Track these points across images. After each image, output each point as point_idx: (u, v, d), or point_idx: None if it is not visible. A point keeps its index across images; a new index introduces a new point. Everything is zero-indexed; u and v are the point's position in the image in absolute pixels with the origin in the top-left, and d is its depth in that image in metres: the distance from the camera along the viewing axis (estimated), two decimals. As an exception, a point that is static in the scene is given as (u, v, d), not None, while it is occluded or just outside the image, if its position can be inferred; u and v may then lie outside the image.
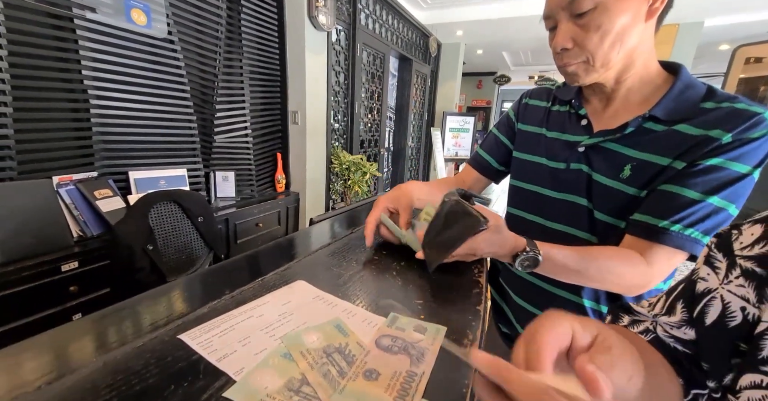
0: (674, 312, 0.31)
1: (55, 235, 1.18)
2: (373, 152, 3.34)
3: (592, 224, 0.56)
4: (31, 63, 1.16)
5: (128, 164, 1.48)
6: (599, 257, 0.49)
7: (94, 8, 1.28)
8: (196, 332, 0.34)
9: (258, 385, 0.28)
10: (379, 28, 3.01)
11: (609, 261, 0.49)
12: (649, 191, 0.50)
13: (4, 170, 1.13)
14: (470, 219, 0.44)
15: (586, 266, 0.48)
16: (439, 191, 0.76)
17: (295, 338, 0.35)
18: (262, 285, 0.45)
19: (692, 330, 0.30)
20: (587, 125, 0.58)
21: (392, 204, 0.64)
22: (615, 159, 0.53)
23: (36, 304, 1.10)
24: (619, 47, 0.48)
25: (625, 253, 0.49)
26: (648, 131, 0.51)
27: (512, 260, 0.48)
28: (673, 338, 0.32)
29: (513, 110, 0.74)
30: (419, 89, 4.14)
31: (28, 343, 0.31)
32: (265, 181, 2.20)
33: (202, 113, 1.76)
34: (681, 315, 0.30)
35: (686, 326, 0.30)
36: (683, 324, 0.30)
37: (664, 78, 0.53)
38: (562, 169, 0.59)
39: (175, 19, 1.53)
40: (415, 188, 0.68)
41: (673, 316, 0.31)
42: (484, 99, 7.50)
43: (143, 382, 0.27)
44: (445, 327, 0.38)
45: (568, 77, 0.54)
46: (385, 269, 0.53)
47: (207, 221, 1.35)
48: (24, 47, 1.14)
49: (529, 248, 0.47)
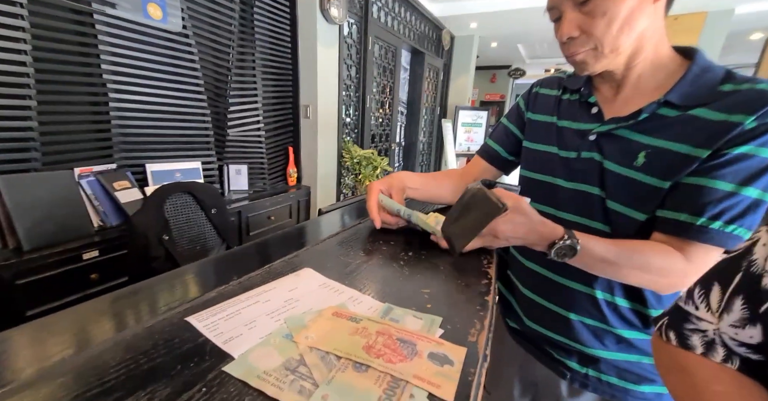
0: (731, 310, 0.28)
1: (76, 224, 1.23)
2: (384, 146, 3.33)
3: (605, 214, 0.54)
4: (54, 58, 1.20)
5: (145, 157, 1.52)
6: (639, 251, 0.47)
7: (114, 4, 1.31)
8: (203, 315, 0.35)
9: (256, 362, 0.29)
10: (391, 21, 2.97)
11: (649, 256, 0.47)
12: (674, 184, 0.47)
13: (29, 161, 1.17)
14: (488, 204, 0.44)
15: (625, 260, 0.47)
16: (434, 182, 0.75)
17: (298, 320, 0.35)
18: (270, 272, 0.46)
19: (756, 329, 0.27)
20: (598, 112, 0.56)
21: (385, 187, 0.66)
22: (628, 147, 0.51)
23: (60, 290, 1.16)
24: (628, 31, 0.46)
25: (664, 249, 0.47)
26: (663, 117, 0.49)
27: (548, 249, 0.48)
28: (744, 346, 0.28)
29: (523, 99, 0.72)
30: (431, 83, 4.09)
31: (43, 322, 0.33)
32: (277, 174, 2.23)
33: (215, 106, 1.79)
34: (741, 313, 0.28)
35: (749, 324, 0.27)
36: (745, 322, 0.27)
37: (679, 63, 0.51)
38: (573, 158, 0.57)
39: (189, 14, 1.56)
40: (406, 176, 0.70)
41: (731, 314, 0.28)
42: (498, 93, 7.34)
43: (151, 362, 0.28)
44: (440, 317, 0.37)
45: (577, 66, 0.52)
46: (392, 258, 0.53)
47: (220, 213, 1.38)
48: (47, 42, 1.18)
49: (567, 236, 0.46)
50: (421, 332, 0.34)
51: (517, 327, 0.72)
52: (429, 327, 0.35)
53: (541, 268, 0.63)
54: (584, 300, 0.58)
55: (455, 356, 0.31)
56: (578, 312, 0.59)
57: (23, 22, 1.10)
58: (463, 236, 0.48)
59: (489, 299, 0.42)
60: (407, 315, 0.37)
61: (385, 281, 0.46)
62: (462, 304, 0.41)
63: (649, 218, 0.50)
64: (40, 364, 0.27)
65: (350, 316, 0.36)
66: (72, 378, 0.26)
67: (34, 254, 1.08)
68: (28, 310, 1.09)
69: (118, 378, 0.26)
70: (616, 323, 0.57)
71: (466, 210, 0.47)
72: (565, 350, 0.62)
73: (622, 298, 0.56)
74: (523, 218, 0.47)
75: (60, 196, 1.20)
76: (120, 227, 1.33)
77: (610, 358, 0.58)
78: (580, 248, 0.47)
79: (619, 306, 0.56)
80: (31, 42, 1.13)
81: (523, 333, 0.70)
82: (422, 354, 0.31)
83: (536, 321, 0.65)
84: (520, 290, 0.68)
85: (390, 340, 0.32)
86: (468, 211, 0.47)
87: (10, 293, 1.04)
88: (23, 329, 0.32)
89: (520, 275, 0.69)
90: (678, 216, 0.46)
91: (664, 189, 0.48)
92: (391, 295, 0.42)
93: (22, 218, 1.10)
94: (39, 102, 1.17)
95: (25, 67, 1.12)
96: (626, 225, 0.52)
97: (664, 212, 0.48)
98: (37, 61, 1.15)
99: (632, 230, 0.51)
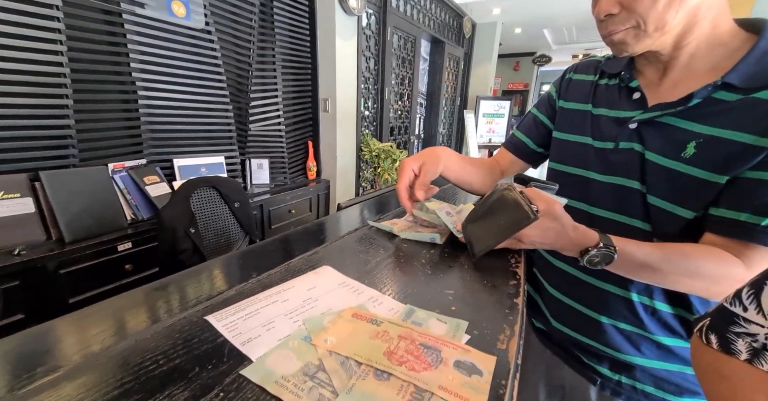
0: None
1: (111, 217, 1.30)
2: (403, 139, 3.28)
3: (645, 210, 0.49)
4: (87, 58, 1.25)
5: (173, 152, 1.57)
6: (688, 256, 0.43)
7: (141, 3, 1.35)
8: (222, 314, 0.35)
9: (274, 366, 0.28)
10: (410, 9, 2.89)
11: (700, 261, 0.42)
12: (732, 178, 0.41)
13: (67, 158, 1.24)
14: (518, 211, 0.40)
15: (671, 266, 0.43)
16: (473, 168, 0.71)
17: (316, 321, 0.34)
18: (289, 269, 0.45)
19: None
20: (640, 98, 0.50)
21: (416, 165, 0.61)
22: (675, 136, 0.45)
23: (98, 280, 1.23)
24: (678, 6, 0.40)
25: (717, 253, 0.42)
26: (719, 101, 0.43)
27: (579, 256, 0.44)
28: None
29: (555, 85, 0.67)
30: (451, 73, 3.96)
31: (68, 318, 0.33)
32: (297, 168, 2.25)
33: (237, 102, 1.82)
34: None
35: None
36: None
37: (743, 39, 0.44)
38: (610, 149, 0.52)
39: (211, 10, 1.57)
40: (445, 154, 0.64)
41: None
42: (522, 82, 7.02)
43: (170, 362, 0.28)
44: (466, 321, 0.34)
45: (615, 47, 0.47)
46: (413, 256, 0.51)
47: (243, 206, 1.40)
48: (80, 43, 1.23)
49: (603, 244, 0.42)
50: (446, 337, 0.32)
51: (544, 327, 0.68)
52: (454, 332, 0.33)
53: (569, 267, 0.59)
54: (618, 303, 0.53)
55: (484, 365, 0.29)
56: (611, 315, 0.54)
57: (59, 24, 1.15)
58: (485, 240, 0.44)
59: (519, 302, 0.39)
60: (431, 318, 0.35)
61: (406, 280, 0.44)
62: (489, 307, 0.38)
63: (697, 216, 0.44)
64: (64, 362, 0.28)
65: (370, 318, 0.35)
66: (94, 377, 0.26)
67: (75, 246, 1.15)
68: (71, 298, 1.17)
69: (138, 379, 0.26)
70: (654, 329, 0.52)
71: (492, 212, 0.43)
72: (596, 354, 0.58)
73: (663, 302, 0.51)
74: (553, 223, 0.43)
75: (96, 190, 1.26)
76: (150, 220, 1.39)
77: (647, 366, 0.54)
78: (618, 255, 0.42)
79: (659, 310, 0.51)
80: (66, 43, 1.18)
81: (550, 334, 0.66)
82: (448, 362, 0.29)
83: (564, 323, 0.62)
84: (546, 289, 0.64)
85: (413, 345, 0.31)
86: (494, 213, 0.43)
87: (55, 282, 1.12)
88: (46, 326, 0.33)
89: (546, 273, 0.65)
90: (738, 216, 0.41)
91: (720, 184, 0.42)
92: (413, 296, 0.40)
93: (64, 211, 1.16)
94: (75, 101, 1.23)
95: (62, 68, 1.18)
96: (669, 223, 0.47)
97: (719, 210, 0.43)
98: (72, 62, 1.20)
99: (676, 228, 0.46)
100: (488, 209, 0.44)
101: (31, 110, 1.14)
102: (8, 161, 1.12)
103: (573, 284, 0.58)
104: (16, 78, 1.10)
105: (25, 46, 1.10)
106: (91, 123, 1.31)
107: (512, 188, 0.42)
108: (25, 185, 1.12)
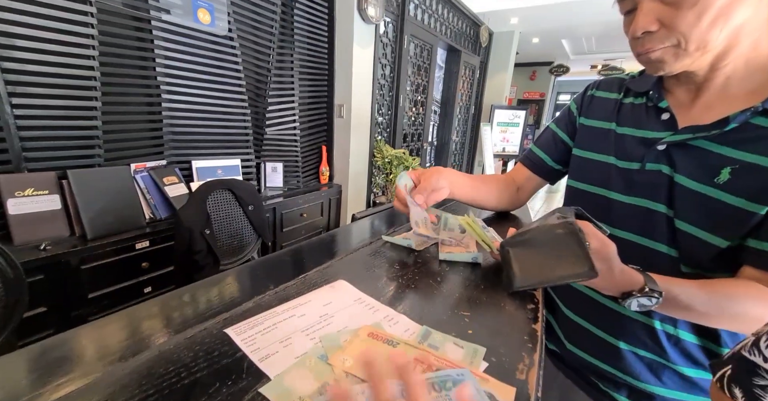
0: None
1: (131, 216, 1.33)
2: (416, 146, 3.28)
3: (672, 235, 0.47)
4: (116, 62, 1.31)
5: (191, 154, 1.61)
6: (733, 298, 0.40)
7: (168, 10, 1.40)
8: (241, 327, 0.35)
9: (292, 385, 0.28)
10: (428, 18, 2.91)
11: (745, 303, 0.40)
12: None
13: (93, 158, 1.29)
14: (579, 261, 0.36)
15: (716, 309, 0.41)
16: (483, 184, 0.71)
17: (333, 339, 0.34)
18: (305, 282, 0.45)
19: None
20: (670, 119, 0.49)
21: (414, 175, 0.62)
22: (708, 160, 0.44)
23: (116, 276, 1.26)
24: (723, 25, 0.38)
25: (762, 293, 0.40)
26: (758, 127, 0.41)
27: (620, 298, 0.42)
28: None
29: (575, 102, 0.66)
30: (467, 82, 3.96)
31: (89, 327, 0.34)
32: (310, 172, 2.28)
33: (255, 106, 1.86)
34: None
35: None
36: None
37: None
38: (635, 169, 0.51)
39: (235, 17, 1.62)
40: (446, 170, 0.64)
41: None
42: (538, 91, 6.96)
43: (191, 376, 0.28)
44: (484, 348, 0.34)
45: (651, 65, 0.45)
46: (427, 272, 0.51)
47: (256, 209, 1.43)
48: (111, 48, 1.28)
49: (649, 289, 0.40)
50: (464, 363, 0.32)
51: (557, 350, 0.66)
52: (471, 358, 0.33)
53: (586, 288, 0.57)
54: (638, 329, 0.52)
55: (503, 396, 0.28)
56: (630, 342, 0.53)
57: (92, 30, 1.20)
58: (530, 276, 0.40)
59: (537, 328, 0.39)
60: (447, 342, 0.35)
61: (421, 299, 0.44)
62: (507, 332, 0.38)
63: (731, 245, 0.43)
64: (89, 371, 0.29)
65: (387, 339, 0.35)
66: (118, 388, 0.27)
67: (96, 242, 1.19)
68: (90, 293, 1.20)
69: (161, 392, 0.26)
70: (677, 359, 0.50)
71: (548, 246, 0.39)
72: (613, 381, 0.56)
73: (688, 332, 0.49)
74: (602, 264, 0.39)
75: (118, 189, 1.31)
76: (168, 220, 1.42)
77: (669, 396, 0.52)
78: (663, 299, 0.40)
79: (683, 340, 0.49)
80: (98, 48, 1.23)
81: (563, 357, 0.64)
82: (464, 391, 0.29)
83: (579, 346, 0.60)
84: (561, 310, 0.63)
85: (430, 371, 0.30)
86: (550, 248, 0.39)
87: (77, 277, 1.15)
88: (69, 335, 0.34)
89: (561, 294, 0.63)
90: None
91: (758, 215, 0.40)
92: (429, 316, 0.40)
93: (87, 208, 1.21)
94: (103, 103, 1.28)
95: (93, 72, 1.23)
96: (699, 250, 0.45)
97: (761, 243, 0.41)
98: (102, 66, 1.26)
99: (707, 256, 0.44)
100: (545, 242, 0.40)
101: (63, 111, 1.20)
102: (40, 159, 1.18)
103: (590, 306, 0.56)
104: (51, 81, 1.16)
105: (61, 51, 1.15)
106: (117, 125, 1.36)
107: (578, 229, 0.38)
108: (53, 183, 1.17)
